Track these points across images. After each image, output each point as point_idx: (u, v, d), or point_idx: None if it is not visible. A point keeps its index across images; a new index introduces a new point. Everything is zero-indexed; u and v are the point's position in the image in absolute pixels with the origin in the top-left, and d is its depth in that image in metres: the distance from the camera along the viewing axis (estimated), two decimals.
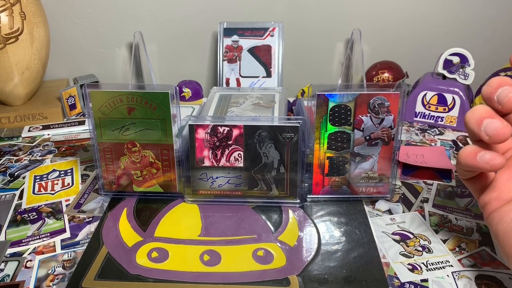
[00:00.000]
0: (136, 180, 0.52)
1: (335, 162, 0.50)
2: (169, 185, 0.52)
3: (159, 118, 0.48)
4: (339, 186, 0.51)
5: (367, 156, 0.50)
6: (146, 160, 0.50)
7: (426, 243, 0.46)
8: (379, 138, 0.49)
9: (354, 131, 0.49)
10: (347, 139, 0.49)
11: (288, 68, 0.82)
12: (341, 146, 0.50)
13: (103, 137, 0.50)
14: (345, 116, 0.48)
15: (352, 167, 0.50)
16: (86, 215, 0.51)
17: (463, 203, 0.53)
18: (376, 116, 0.48)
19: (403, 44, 0.84)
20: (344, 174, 0.51)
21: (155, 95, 0.47)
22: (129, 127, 0.49)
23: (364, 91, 0.47)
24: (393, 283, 0.41)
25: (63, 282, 0.41)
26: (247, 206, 0.51)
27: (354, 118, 0.48)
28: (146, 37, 0.79)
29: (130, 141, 0.49)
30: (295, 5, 0.81)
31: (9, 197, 0.55)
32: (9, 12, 0.66)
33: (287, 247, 0.45)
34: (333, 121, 0.48)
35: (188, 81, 0.79)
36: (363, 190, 0.52)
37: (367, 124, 0.48)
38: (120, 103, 0.48)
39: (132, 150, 0.50)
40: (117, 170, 0.51)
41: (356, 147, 0.49)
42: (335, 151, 0.50)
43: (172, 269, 0.42)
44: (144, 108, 0.48)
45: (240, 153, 0.49)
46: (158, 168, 0.51)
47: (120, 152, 0.50)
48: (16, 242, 0.47)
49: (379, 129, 0.48)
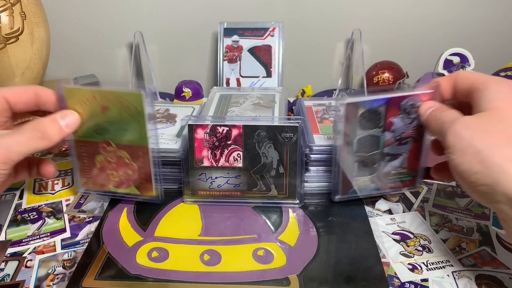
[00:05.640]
0: (113, 180, 0.50)
1: (364, 163, 0.48)
2: (145, 188, 0.50)
3: (134, 119, 0.46)
4: (367, 185, 0.50)
5: (397, 155, 0.48)
6: (121, 161, 0.49)
7: (426, 243, 0.46)
8: (410, 137, 0.47)
9: (384, 134, 0.47)
10: (376, 142, 0.47)
11: (288, 68, 0.82)
12: (370, 149, 0.48)
13: (78, 134, 0.48)
14: (375, 120, 0.46)
15: (382, 165, 0.49)
16: (86, 215, 0.51)
17: (463, 203, 0.53)
18: (408, 116, 0.46)
19: (403, 44, 0.84)
20: (374, 173, 0.49)
21: (128, 95, 0.45)
22: (104, 127, 0.47)
23: (395, 94, 0.44)
24: (393, 283, 0.41)
25: (63, 282, 0.41)
26: (247, 206, 0.51)
27: (385, 121, 0.46)
28: (146, 37, 0.79)
29: (105, 141, 0.48)
30: (295, 5, 0.81)
31: (9, 197, 0.55)
32: (9, 12, 0.66)
33: (287, 247, 0.45)
34: (362, 126, 0.46)
35: (188, 81, 0.79)
36: (391, 185, 0.50)
37: (398, 125, 0.46)
38: (94, 101, 0.45)
39: (107, 150, 0.48)
40: (93, 169, 0.50)
41: (386, 148, 0.48)
42: (364, 154, 0.48)
43: (172, 269, 0.42)
44: (118, 108, 0.45)
45: (239, 153, 0.49)
46: (134, 170, 0.49)
47: (96, 151, 0.49)
48: (16, 242, 0.47)
49: (411, 128, 0.46)
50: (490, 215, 0.51)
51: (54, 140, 0.42)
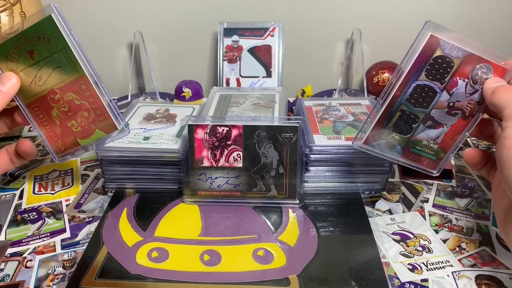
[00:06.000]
0: (77, 132, 0.47)
1: (405, 118, 0.46)
2: (108, 125, 0.47)
3: (58, 50, 0.44)
4: (394, 145, 0.47)
5: (439, 124, 0.45)
6: (72, 104, 0.46)
7: (426, 243, 0.46)
8: (462, 109, 0.45)
9: (442, 93, 0.44)
10: (431, 97, 0.44)
11: (288, 68, 0.82)
12: (421, 103, 0.45)
13: (25, 95, 0.46)
14: (444, 72, 0.44)
15: (419, 129, 0.46)
16: (86, 215, 0.51)
17: (463, 203, 0.53)
18: (473, 84, 0.44)
19: (403, 44, 0.84)
20: (407, 134, 0.46)
21: (39, 26, 0.43)
22: (41, 74, 0.45)
23: (477, 52, 0.43)
24: (393, 283, 0.41)
25: (63, 282, 0.42)
26: (247, 206, 0.51)
27: (451, 78, 0.44)
28: (146, 37, 0.79)
29: (50, 90, 0.46)
30: (295, 5, 0.81)
31: (9, 197, 0.55)
32: (9, 12, 0.66)
33: (287, 247, 0.45)
34: (428, 72, 0.44)
35: (188, 81, 0.79)
36: (414, 157, 0.47)
37: (459, 90, 0.44)
38: (20, 51, 0.45)
39: (55, 99, 0.46)
40: (55, 128, 0.48)
41: (434, 110, 0.45)
42: (411, 106, 0.45)
43: (172, 269, 0.42)
44: (40, 46, 0.44)
45: (239, 153, 0.49)
46: (87, 110, 0.47)
47: (48, 106, 0.47)
48: (16, 242, 0.47)
49: (467, 99, 0.44)
50: (490, 215, 0.51)
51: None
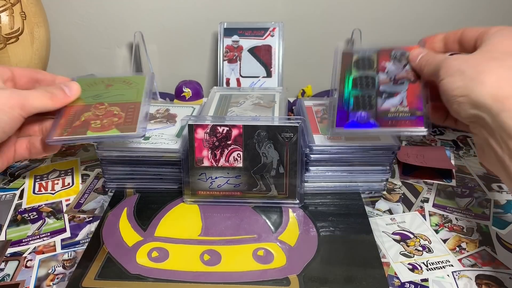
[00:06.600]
0: (94, 127, 0.48)
1: (360, 98, 0.48)
2: (128, 128, 0.48)
3: (132, 88, 0.53)
4: (365, 120, 0.47)
5: (395, 93, 0.48)
6: (110, 113, 0.50)
7: (426, 243, 0.46)
8: (405, 78, 0.48)
9: (378, 74, 0.49)
10: (372, 81, 0.49)
11: (288, 68, 0.82)
12: (366, 86, 0.49)
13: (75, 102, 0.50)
14: (369, 66, 0.50)
15: (380, 102, 0.47)
16: (86, 215, 0.51)
17: (463, 203, 0.53)
18: (399, 63, 0.49)
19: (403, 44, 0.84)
20: (371, 108, 0.47)
21: (133, 77, 0.55)
22: (102, 95, 0.52)
23: (385, 46, 0.51)
24: (393, 283, 0.41)
25: (63, 282, 0.42)
26: (247, 206, 0.51)
27: (378, 65, 0.49)
28: (146, 37, 0.79)
29: (99, 103, 0.51)
30: (295, 5, 0.81)
31: (9, 197, 0.55)
32: (9, 12, 0.66)
33: (287, 247, 0.45)
34: (357, 67, 0.50)
35: (188, 81, 0.78)
36: (393, 123, 0.47)
37: (391, 68, 0.49)
38: (101, 82, 0.54)
39: (98, 108, 0.50)
40: (76, 122, 0.49)
41: (381, 86, 0.48)
42: (360, 90, 0.49)
43: (172, 269, 0.42)
44: (121, 84, 0.54)
45: (239, 153, 0.49)
46: (120, 117, 0.49)
47: (86, 110, 0.50)
48: (16, 242, 0.47)
49: (404, 71, 0.48)
50: (490, 215, 0.51)
51: (58, 103, 0.47)
